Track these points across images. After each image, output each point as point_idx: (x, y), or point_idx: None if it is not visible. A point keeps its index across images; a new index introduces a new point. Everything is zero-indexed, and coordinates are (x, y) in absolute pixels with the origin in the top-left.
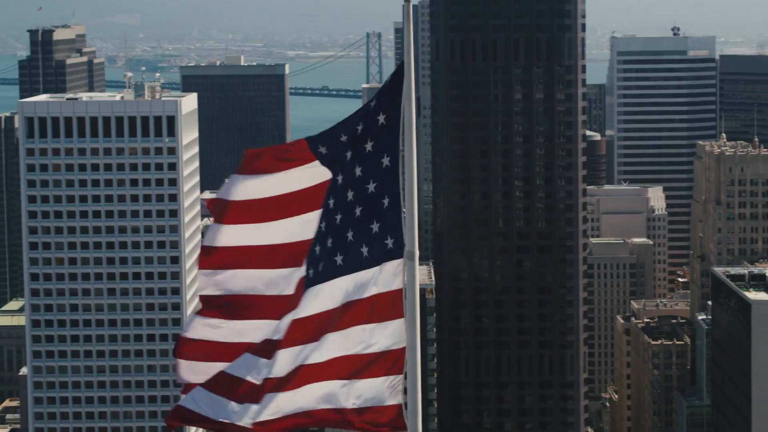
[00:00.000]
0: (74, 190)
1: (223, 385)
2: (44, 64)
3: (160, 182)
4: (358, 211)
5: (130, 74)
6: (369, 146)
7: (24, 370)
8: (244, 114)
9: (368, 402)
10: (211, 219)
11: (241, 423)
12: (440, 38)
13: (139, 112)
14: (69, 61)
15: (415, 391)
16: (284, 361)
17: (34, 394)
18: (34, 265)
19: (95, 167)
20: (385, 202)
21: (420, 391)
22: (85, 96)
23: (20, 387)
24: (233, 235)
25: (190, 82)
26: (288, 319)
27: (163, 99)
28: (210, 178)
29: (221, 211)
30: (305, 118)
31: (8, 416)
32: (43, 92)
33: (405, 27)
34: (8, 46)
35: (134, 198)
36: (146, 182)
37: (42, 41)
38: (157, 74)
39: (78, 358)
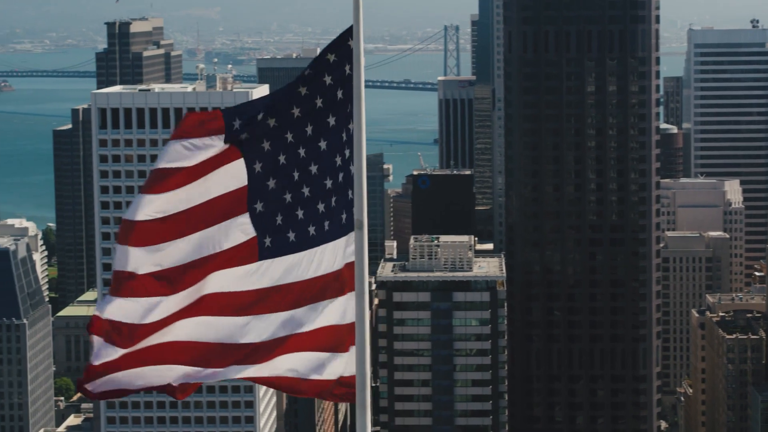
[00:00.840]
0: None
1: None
2: (121, 56)
3: None
4: (326, 183)
5: (202, 66)
6: (332, 120)
7: None
8: None
9: (314, 373)
10: None
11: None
12: (513, 30)
13: (211, 103)
14: (146, 54)
15: (363, 364)
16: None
17: None
18: (107, 256)
19: None
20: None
21: (368, 364)
22: (157, 87)
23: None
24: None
25: (266, 74)
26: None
27: (234, 90)
28: None
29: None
30: (378, 110)
31: (83, 405)
32: (120, 84)
33: None
34: (89, 39)
35: None
36: None
37: (119, 34)
38: (229, 66)
39: None
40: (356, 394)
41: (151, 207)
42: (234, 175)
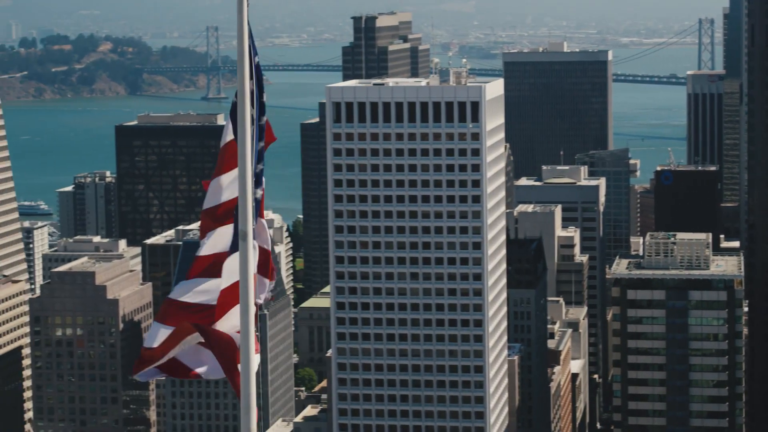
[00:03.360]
0: (378, 175)
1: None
2: (367, 50)
3: (463, 168)
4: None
5: (436, 60)
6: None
7: (330, 352)
8: (566, 100)
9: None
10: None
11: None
12: (756, 23)
13: (444, 97)
14: (391, 48)
15: (248, 379)
16: None
17: (338, 375)
18: (339, 249)
19: (399, 152)
20: None
21: (253, 377)
22: (391, 81)
23: (327, 368)
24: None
25: (512, 68)
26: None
27: (468, 85)
28: (531, 164)
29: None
30: (628, 104)
31: (323, 396)
32: (366, 78)
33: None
34: (345, 34)
35: (437, 183)
36: (449, 168)
37: (365, 28)
38: (464, 60)
39: (380, 341)
40: (240, 401)
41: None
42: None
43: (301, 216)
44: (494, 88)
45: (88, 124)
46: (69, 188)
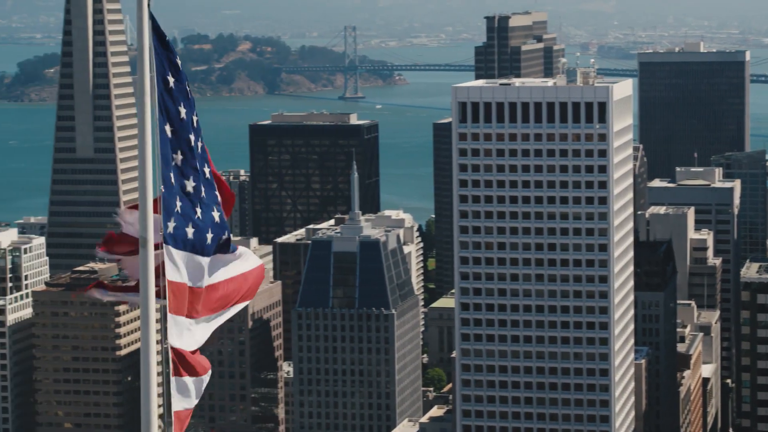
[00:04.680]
0: (504, 175)
1: None
2: (499, 50)
3: (589, 169)
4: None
5: (564, 60)
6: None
7: (455, 353)
8: (702, 101)
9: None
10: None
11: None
12: None
13: (570, 98)
14: (524, 48)
15: (149, 393)
16: None
17: (462, 377)
18: (464, 249)
19: (525, 153)
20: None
21: (155, 392)
22: (517, 81)
23: (452, 369)
24: None
25: (647, 69)
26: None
27: (595, 85)
28: (665, 165)
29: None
30: (767, 106)
31: (451, 396)
32: (498, 78)
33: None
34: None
35: (563, 184)
36: (576, 168)
37: (498, 28)
38: (592, 60)
39: (505, 342)
40: (142, 419)
41: None
42: None
43: (433, 216)
44: (623, 89)
45: (226, 122)
46: None
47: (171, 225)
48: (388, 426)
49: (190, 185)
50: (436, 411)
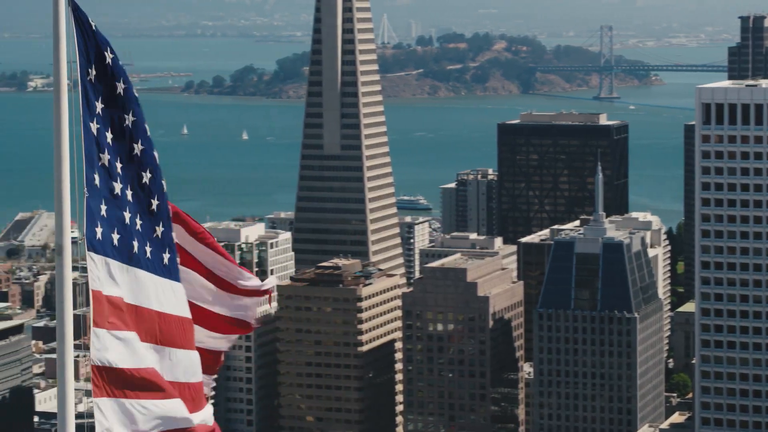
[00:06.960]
0: (748, 179)
1: None
2: (754, 50)
3: None
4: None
5: None
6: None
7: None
8: None
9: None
10: None
11: None
12: None
13: None
14: None
15: (64, 404)
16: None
17: (702, 383)
18: (705, 253)
19: None
20: None
21: (72, 404)
22: (765, 83)
23: (691, 375)
24: None
25: None
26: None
27: None
28: None
29: None
30: None
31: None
32: (752, 79)
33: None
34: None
35: None
36: None
37: (753, 28)
38: None
39: (746, 350)
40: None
41: None
42: None
43: (683, 219)
44: None
45: (477, 121)
46: (452, 185)
47: (98, 231)
48: (629, 430)
49: (117, 187)
50: (677, 417)
